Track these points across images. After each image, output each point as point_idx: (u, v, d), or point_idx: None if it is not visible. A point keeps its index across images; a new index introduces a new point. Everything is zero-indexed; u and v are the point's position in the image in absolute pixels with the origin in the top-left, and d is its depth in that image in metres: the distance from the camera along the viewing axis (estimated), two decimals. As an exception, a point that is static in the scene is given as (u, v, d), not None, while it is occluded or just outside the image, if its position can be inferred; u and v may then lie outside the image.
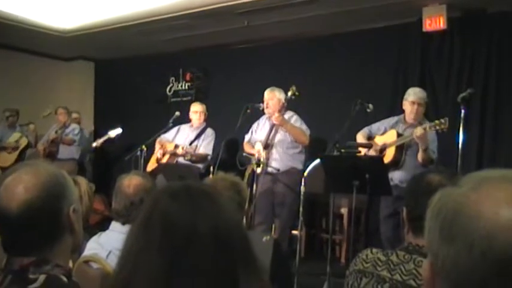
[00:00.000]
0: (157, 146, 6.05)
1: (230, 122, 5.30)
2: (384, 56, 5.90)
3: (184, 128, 6.10)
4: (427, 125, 4.17)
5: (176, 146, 5.87)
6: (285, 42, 6.63)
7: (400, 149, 4.42)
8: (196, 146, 5.80)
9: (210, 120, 6.09)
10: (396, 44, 5.88)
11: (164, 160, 5.91)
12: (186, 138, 5.95)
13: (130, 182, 2.31)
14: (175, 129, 6.08)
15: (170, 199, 0.99)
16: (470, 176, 0.78)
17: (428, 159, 4.27)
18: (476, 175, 0.78)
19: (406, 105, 4.52)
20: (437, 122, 4.06)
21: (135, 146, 5.81)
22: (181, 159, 5.78)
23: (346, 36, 6.17)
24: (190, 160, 5.71)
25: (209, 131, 5.97)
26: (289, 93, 5.00)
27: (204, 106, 6.10)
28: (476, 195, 0.73)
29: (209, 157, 5.79)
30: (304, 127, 5.07)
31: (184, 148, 5.71)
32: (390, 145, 4.45)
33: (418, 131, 4.13)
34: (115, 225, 2.28)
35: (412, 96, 4.48)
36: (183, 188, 1.02)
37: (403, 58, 5.83)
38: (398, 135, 4.47)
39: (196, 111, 6.03)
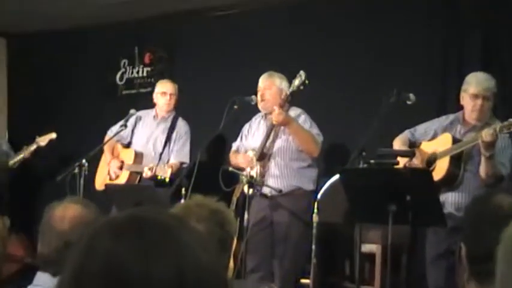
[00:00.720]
0: (107, 151, 6.08)
1: (209, 123, 5.29)
2: (429, 23, 5.89)
3: (144, 118, 6.08)
4: (497, 125, 4.17)
5: (137, 156, 5.84)
6: (285, 5, 6.63)
7: (457, 160, 4.43)
8: (169, 160, 5.79)
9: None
10: (446, 4, 5.89)
11: (124, 179, 5.90)
12: (150, 137, 5.96)
13: (64, 214, 2.30)
14: (131, 121, 6.04)
15: (114, 238, 0.98)
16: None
17: (496, 174, 4.28)
18: None
19: (466, 99, 4.52)
20: (511, 120, 4.09)
21: (71, 160, 5.79)
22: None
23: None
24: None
25: (182, 126, 5.97)
26: (297, 82, 4.98)
27: (176, 86, 6.08)
28: None
29: (185, 165, 5.76)
30: (315, 131, 5.09)
31: (154, 170, 5.58)
32: (442, 155, 4.46)
33: (487, 134, 4.12)
34: (41, 278, 2.26)
35: (475, 87, 4.47)
36: (131, 220, 1.02)
37: (456, 25, 5.83)
38: (455, 140, 4.48)
39: (165, 92, 6.00)
